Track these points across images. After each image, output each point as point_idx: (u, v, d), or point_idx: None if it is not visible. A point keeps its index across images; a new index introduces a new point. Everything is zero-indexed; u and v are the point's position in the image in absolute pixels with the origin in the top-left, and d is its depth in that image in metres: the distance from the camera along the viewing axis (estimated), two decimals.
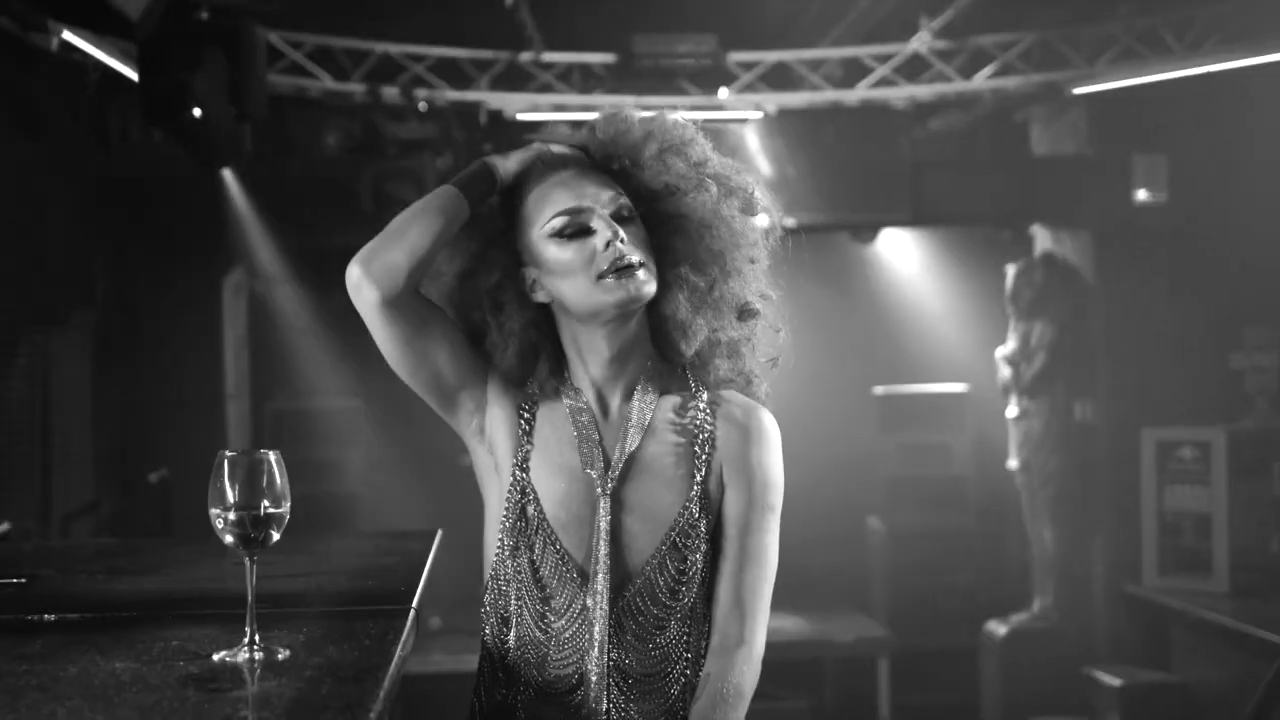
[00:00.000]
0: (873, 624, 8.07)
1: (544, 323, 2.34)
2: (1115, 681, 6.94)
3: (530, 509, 2.29)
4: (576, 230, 2.26)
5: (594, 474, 2.28)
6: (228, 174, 7.02)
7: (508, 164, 2.32)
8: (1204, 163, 7.40)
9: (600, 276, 2.23)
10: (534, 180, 2.31)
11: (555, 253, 2.26)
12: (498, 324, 2.31)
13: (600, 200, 2.28)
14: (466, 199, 2.28)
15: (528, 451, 2.31)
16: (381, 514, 8.04)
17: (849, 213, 8.01)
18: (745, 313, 2.43)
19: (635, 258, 2.25)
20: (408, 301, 2.24)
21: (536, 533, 2.28)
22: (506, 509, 2.31)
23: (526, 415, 2.33)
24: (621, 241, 2.24)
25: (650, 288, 2.26)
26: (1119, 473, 7.56)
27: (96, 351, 6.90)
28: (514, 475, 2.31)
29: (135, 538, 6.68)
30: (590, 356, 2.32)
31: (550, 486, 2.29)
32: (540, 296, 2.31)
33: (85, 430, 6.83)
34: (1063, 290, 7.94)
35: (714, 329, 2.37)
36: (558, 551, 2.27)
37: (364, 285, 2.23)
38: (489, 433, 2.36)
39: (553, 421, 2.33)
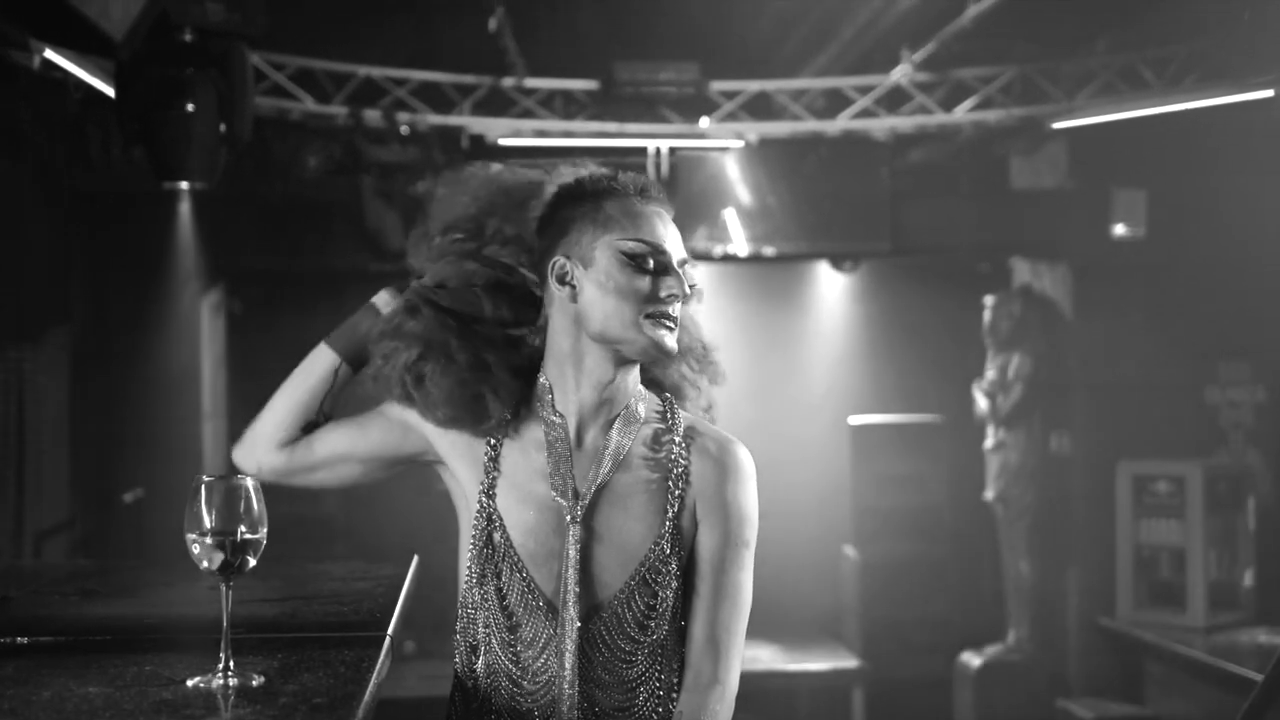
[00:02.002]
0: (847, 654, 8.06)
1: (473, 379, 2.30)
2: (1088, 714, 6.96)
3: (497, 536, 2.27)
4: (651, 267, 2.26)
5: (564, 502, 2.26)
6: (184, 195, 6.99)
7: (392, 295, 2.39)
8: (1182, 198, 7.44)
9: (647, 316, 2.24)
10: (621, 193, 2.30)
11: (617, 269, 2.24)
12: (422, 395, 2.29)
13: (679, 256, 2.30)
14: (337, 350, 2.39)
15: (495, 478, 2.29)
16: (357, 537, 8.02)
17: (828, 242, 8.03)
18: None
19: (678, 318, 2.28)
20: (287, 460, 2.39)
21: (503, 560, 2.26)
22: (474, 536, 2.29)
23: (493, 441, 2.31)
24: (680, 302, 2.27)
25: (676, 348, 2.28)
26: (1095, 505, 7.59)
27: (73, 369, 6.87)
28: (480, 502, 2.29)
29: (109, 559, 6.65)
30: (587, 378, 2.29)
31: (519, 515, 2.27)
32: (563, 293, 2.27)
33: (60, 448, 6.80)
34: (1040, 323, 7.97)
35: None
36: (524, 580, 2.25)
37: (243, 466, 2.41)
38: (451, 466, 2.35)
39: (523, 448, 2.31)
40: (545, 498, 2.27)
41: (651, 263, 2.25)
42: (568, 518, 2.25)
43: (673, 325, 2.27)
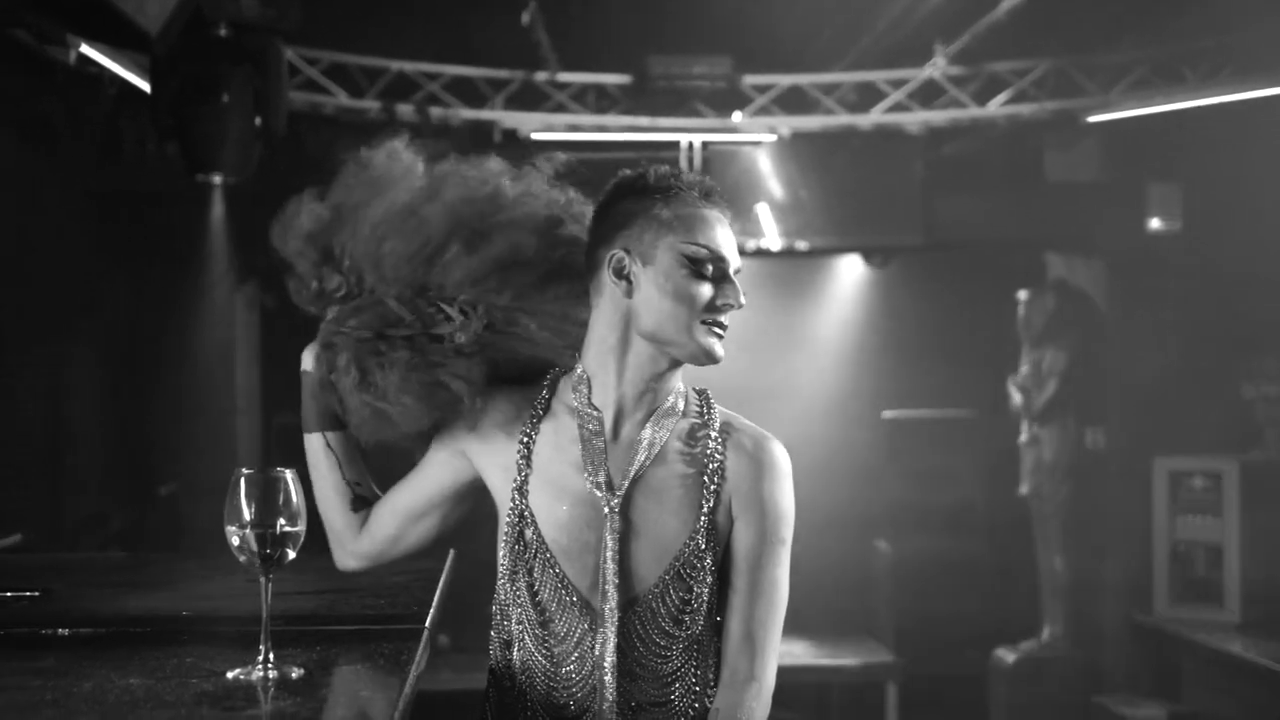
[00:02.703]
0: (880, 649, 8.04)
1: (422, 365, 2.31)
2: (1124, 711, 6.92)
3: (528, 533, 2.27)
4: (710, 273, 2.25)
5: (599, 494, 2.25)
6: (217, 190, 6.98)
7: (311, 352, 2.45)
8: (1218, 192, 7.39)
9: (702, 322, 2.23)
10: (686, 194, 2.28)
11: (678, 272, 2.23)
12: (386, 400, 2.30)
13: (736, 264, 2.30)
14: (311, 430, 2.47)
15: (526, 475, 2.28)
16: None
17: (861, 236, 8.02)
18: None
19: (728, 327, 2.28)
20: (369, 542, 2.44)
21: (535, 557, 2.26)
22: (505, 534, 2.30)
23: (524, 439, 2.31)
24: (733, 309, 2.27)
25: (724, 356, 2.29)
26: (1130, 501, 7.55)
27: (107, 364, 6.90)
28: (513, 500, 2.28)
29: (145, 551, 6.68)
30: (630, 374, 2.28)
31: (551, 510, 2.26)
32: (619, 287, 2.25)
33: (95, 442, 6.84)
34: (1075, 318, 7.93)
35: None
36: (557, 575, 2.25)
37: (346, 567, 2.50)
38: (486, 476, 2.35)
39: (556, 442, 2.30)
40: (580, 491, 2.26)
41: (711, 269, 2.24)
42: (605, 509, 2.24)
43: (723, 334, 2.27)
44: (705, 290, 2.23)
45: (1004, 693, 7.63)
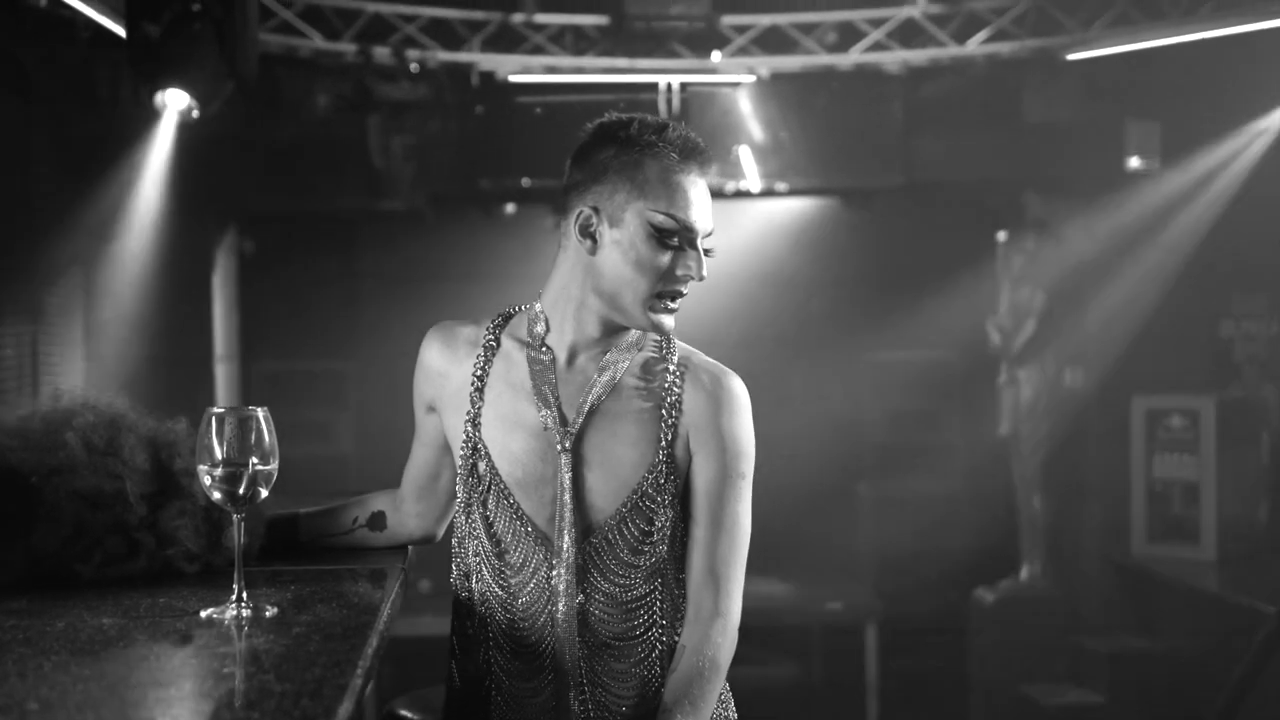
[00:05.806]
0: (861, 591, 8.07)
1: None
2: (1102, 649, 6.97)
3: (481, 466, 2.28)
4: (675, 243, 2.23)
5: (552, 427, 2.26)
6: (166, 119, 6.67)
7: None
8: (1197, 129, 7.37)
9: (659, 296, 2.23)
10: (664, 153, 2.25)
11: (642, 240, 2.22)
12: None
13: (706, 228, 2.27)
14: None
15: (479, 408, 2.30)
16: (372, 476, 7.99)
17: (841, 178, 7.99)
18: None
19: (685, 294, 2.27)
20: (428, 516, 2.57)
21: (489, 490, 2.27)
22: (460, 465, 2.31)
23: (478, 373, 2.31)
24: (694, 280, 2.25)
25: (673, 328, 2.29)
26: (1108, 440, 7.57)
27: (86, 312, 6.87)
28: (466, 433, 2.30)
29: None
30: (583, 326, 2.28)
31: (504, 444, 2.28)
32: (585, 244, 2.25)
33: (74, 389, 6.80)
34: (1054, 257, 7.92)
35: None
36: (512, 507, 2.26)
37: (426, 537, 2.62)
38: (444, 419, 2.39)
39: (508, 377, 2.31)
40: (533, 424, 2.27)
41: (677, 240, 2.23)
42: (558, 446, 2.25)
43: (676, 305, 2.27)
44: (666, 260, 2.22)
45: (983, 632, 7.68)
